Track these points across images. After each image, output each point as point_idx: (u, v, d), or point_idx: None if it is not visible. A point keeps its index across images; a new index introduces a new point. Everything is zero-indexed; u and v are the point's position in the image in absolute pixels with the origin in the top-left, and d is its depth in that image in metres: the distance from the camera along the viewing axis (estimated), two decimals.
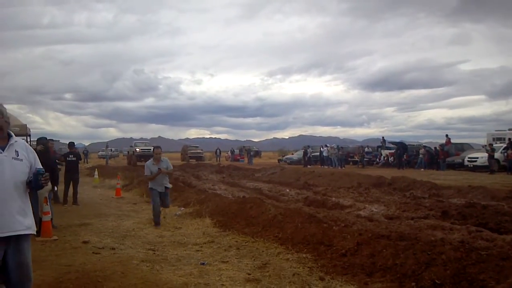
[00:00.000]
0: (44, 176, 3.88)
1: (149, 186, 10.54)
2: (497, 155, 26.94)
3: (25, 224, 3.90)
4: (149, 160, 10.53)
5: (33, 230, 4.05)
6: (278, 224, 8.90)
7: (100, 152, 69.40)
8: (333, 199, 14.52)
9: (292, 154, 51.83)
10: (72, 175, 14.16)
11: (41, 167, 4.06)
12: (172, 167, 10.69)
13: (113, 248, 7.94)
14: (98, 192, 18.88)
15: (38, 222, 9.08)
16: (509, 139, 28.51)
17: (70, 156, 14.40)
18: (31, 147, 4.15)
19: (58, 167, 12.80)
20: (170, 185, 10.79)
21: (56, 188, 12.09)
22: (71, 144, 15.46)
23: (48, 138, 11.70)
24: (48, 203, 9.15)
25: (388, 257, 6.07)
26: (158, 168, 10.18)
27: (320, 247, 7.20)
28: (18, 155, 3.88)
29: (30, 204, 4.04)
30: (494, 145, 28.32)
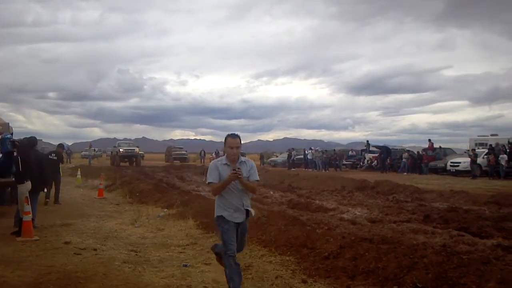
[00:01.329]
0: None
1: (217, 213, 5.29)
2: (479, 160, 27.19)
3: None
4: (217, 159, 5.54)
5: None
6: (261, 226, 8.90)
7: (83, 152, 68.80)
8: (317, 202, 14.56)
9: (277, 156, 51.87)
10: (53, 175, 14.03)
11: None
12: (258, 177, 5.48)
13: (95, 249, 7.87)
14: (80, 192, 18.72)
15: (19, 222, 9.05)
16: (491, 144, 28.80)
17: (52, 155, 14.29)
18: None
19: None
20: (253, 210, 5.53)
21: (45, 190, 12.01)
22: (60, 145, 15.50)
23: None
24: (30, 203, 9.03)
25: (371, 260, 6.09)
26: (233, 171, 5.00)
27: (303, 250, 7.21)
28: None
29: None
30: (476, 150, 28.59)
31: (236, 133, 5.30)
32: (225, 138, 5.22)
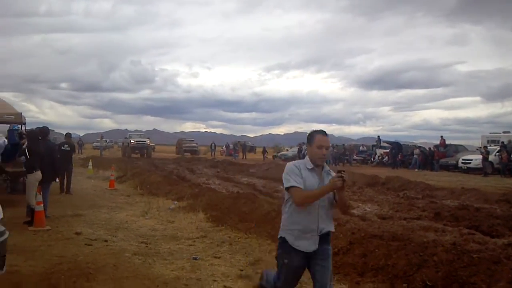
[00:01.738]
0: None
1: (280, 233, 4.05)
2: (491, 157, 27.02)
3: None
4: (296, 161, 4.14)
5: None
6: (271, 220, 8.90)
7: (94, 143, 69.21)
8: None
9: (287, 150, 51.82)
10: (66, 166, 14.11)
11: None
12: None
13: (106, 240, 7.93)
14: (91, 183, 18.83)
15: (31, 211, 9.14)
16: (503, 142, 28.59)
17: (64, 146, 14.36)
18: None
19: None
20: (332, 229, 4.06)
21: (57, 180, 12.10)
22: (68, 135, 15.51)
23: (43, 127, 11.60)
24: (42, 193, 9.11)
25: (380, 257, 6.09)
26: (339, 173, 3.72)
27: None
28: None
29: None
30: (488, 147, 28.40)
31: (324, 131, 3.96)
32: (311, 135, 3.94)
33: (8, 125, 11.66)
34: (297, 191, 3.77)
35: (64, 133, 16.46)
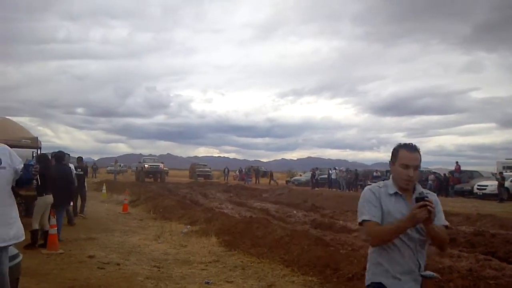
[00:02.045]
0: (34, 167, 3.90)
1: (370, 278, 3.08)
2: (507, 183, 26.73)
3: (10, 235, 3.87)
4: (376, 184, 3.17)
5: (16, 239, 4.00)
6: (284, 245, 8.85)
7: (108, 167, 69.56)
8: (341, 222, 14.45)
9: (300, 175, 51.70)
10: (79, 190, 14.18)
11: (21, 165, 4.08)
12: (446, 221, 3.15)
13: (118, 264, 7.92)
14: (105, 207, 18.87)
15: (44, 234, 9.17)
16: None
17: (77, 170, 14.45)
18: (6, 147, 4.14)
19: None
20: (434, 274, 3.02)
21: (71, 204, 12.12)
22: (80, 159, 15.65)
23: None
24: (56, 217, 9.16)
25: None
26: (423, 201, 2.70)
27: (326, 271, 7.14)
28: (1, 163, 3.86)
29: (16, 211, 4.03)
30: (504, 173, 28.10)
31: (414, 144, 3.05)
32: (395, 150, 3.09)
33: (27, 150, 11.79)
34: (369, 227, 2.90)
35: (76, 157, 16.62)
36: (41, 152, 13.26)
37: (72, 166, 12.31)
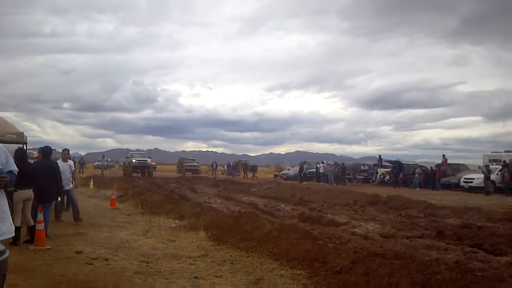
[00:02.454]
0: (1, 177, 3.89)
1: None
2: (493, 176, 26.97)
3: (3, 229, 3.85)
4: None
5: (10, 234, 3.98)
6: (273, 239, 8.87)
7: (96, 162, 69.12)
8: (329, 216, 14.49)
9: (288, 169, 51.78)
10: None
11: (16, 168, 4.08)
12: None
13: (107, 259, 7.88)
14: (92, 202, 18.77)
15: (31, 230, 9.10)
16: (505, 161, 28.56)
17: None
18: (3, 148, 4.12)
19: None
20: None
21: (59, 199, 11.97)
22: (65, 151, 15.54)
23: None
24: (43, 212, 9.08)
25: (383, 276, 6.04)
26: None
27: (315, 264, 7.16)
28: None
29: (7, 205, 4.00)
30: (490, 166, 28.36)
31: None
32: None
33: (13, 145, 11.66)
34: None
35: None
36: (27, 147, 13.15)
37: (61, 161, 12.19)
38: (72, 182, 12.92)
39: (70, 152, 13.94)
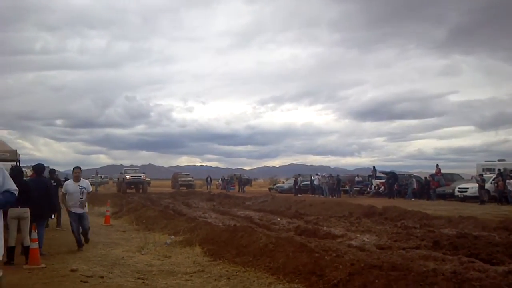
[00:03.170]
0: None
1: None
2: (487, 185, 27.07)
3: None
4: None
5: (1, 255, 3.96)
6: (269, 253, 8.82)
7: (89, 179, 68.73)
8: (325, 228, 14.45)
9: (283, 182, 51.75)
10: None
11: (14, 188, 4.07)
12: None
13: (102, 277, 7.82)
14: None
15: (25, 249, 9.02)
16: (499, 169, 28.68)
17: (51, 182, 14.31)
18: (2, 167, 4.12)
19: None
20: None
21: (52, 217, 11.85)
22: (52, 171, 15.59)
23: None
24: (37, 230, 9.01)
25: None
26: None
27: (312, 277, 7.13)
28: None
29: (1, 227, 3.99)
30: (484, 175, 28.46)
31: None
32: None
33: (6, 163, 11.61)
34: None
35: (61, 170, 16.58)
36: (20, 165, 13.10)
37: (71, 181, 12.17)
38: (85, 207, 11.13)
39: (59, 170, 13.94)
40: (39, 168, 10.87)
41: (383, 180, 36.21)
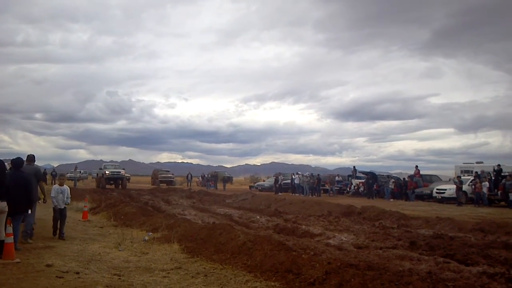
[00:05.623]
0: None
1: None
2: (465, 187, 27.43)
3: None
4: None
5: None
6: (247, 251, 8.83)
7: (68, 174, 68.18)
8: (303, 227, 14.51)
9: (264, 180, 51.82)
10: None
11: None
12: None
13: (78, 272, 7.73)
14: None
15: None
16: (477, 172, 29.06)
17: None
18: None
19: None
20: None
21: (29, 211, 11.64)
22: (31, 158, 15.27)
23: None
24: (12, 225, 8.89)
25: (356, 287, 6.05)
26: None
27: (289, 275, 7.14)
28: None
29: None
30: (462, 177, 28.81)
31: None
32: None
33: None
34: None
35: (40, 164, 16.25)
36: None
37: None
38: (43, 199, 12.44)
39: (38, 165, 13.69)
40: (17, 162, 10.72)
41: (363, 180, 36.49)
